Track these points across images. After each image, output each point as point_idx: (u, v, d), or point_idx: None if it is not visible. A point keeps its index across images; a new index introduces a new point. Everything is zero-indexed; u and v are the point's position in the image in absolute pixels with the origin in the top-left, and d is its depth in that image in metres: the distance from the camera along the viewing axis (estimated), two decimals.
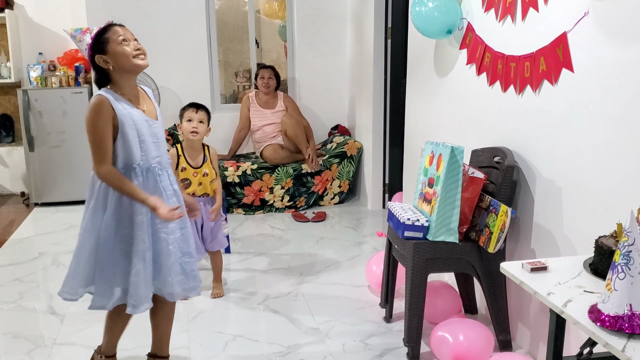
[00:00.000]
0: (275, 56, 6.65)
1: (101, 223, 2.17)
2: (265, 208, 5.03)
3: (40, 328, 3.01)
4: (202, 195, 3.27)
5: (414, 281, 2.57)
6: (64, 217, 4.90)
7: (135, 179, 2.15)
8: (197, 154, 3.28)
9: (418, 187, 2.78)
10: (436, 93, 3.52)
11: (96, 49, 2.13)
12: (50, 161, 5.22)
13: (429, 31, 3.22)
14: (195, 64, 5.31)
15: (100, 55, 2.13)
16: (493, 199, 2.56)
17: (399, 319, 3.00)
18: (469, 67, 3.10)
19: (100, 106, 2.08)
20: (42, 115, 5.15)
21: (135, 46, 2.16)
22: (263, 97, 5.24)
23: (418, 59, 3.77)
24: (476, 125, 3.06)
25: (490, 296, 2.65)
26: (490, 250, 2.50)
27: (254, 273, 3.70)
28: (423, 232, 2.57)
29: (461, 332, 2.49)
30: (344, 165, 5.12)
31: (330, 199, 5.20)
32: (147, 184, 2.18)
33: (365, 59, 4.94)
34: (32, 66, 5.32)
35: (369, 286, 3.42)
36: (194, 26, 5.23)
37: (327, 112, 5.61)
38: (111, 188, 2.14)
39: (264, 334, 2.92)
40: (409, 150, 4.01)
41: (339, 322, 3.02)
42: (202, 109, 3.30)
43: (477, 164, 2.81)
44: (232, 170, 4.88)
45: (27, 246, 4.32)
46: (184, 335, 2.90)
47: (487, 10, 2.90)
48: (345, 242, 4.27)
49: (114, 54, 2.13)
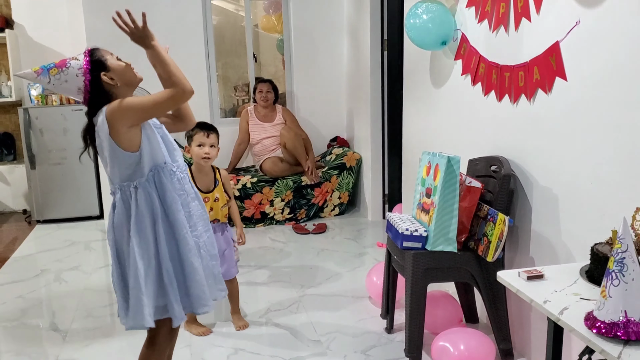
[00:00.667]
0: (274, 70, 6.69)
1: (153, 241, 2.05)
2: (266, 221, 5.04)
3: (43, 345, 3.02)
4: (212, 222, 2.99)
5: (413, 291, 2.58)
6: (66, 233, 4.92)
7: (164, 178, 2.07)
8: (207, 178, 3.08)
9: (416, 198, 2.80)
10: (432, 103, 3.55)
11: (97, 67, 2.03)
12: (52, 178, 5.25)
13: (423, 43, 3.25)
14: (194, 79, 5.25)
15: (105, 73, 2.04)
16: (491, 208, 2.58)
17: (400, 330, 3.00)
18: (464, 78, 3.13)
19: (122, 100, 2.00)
20: (43, 133, 5.19)
21: (125, 62, 2.13)
22: (262, 110, 5.27)
23: (414, 70, 3.80)
24: (473, 135, 3.08)
25: (491, 305, 2.65)
26: (488, 259, 2.51)
27: (255, 286, 3.71)
28: (422, 242, 2.58)
29: (462, 341, 2.49)
30: (343, 176, 5.14)
31: (331, 210, 5.21)
32: (174, 185, 2.11)
33: (363, 71, 4.98)
34: (32, 85, 5.36)
35: (369, 297, 3.42)
36: (192, 41, 5.27)
37: (326, 124, 5.64)
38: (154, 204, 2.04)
39: (266, 347, 2.92)
40: (407, 161, 4.03)
41: (341, 333, 3.02)
42: (213, 131, 3.09)
43: (474, 173, 2.83)
44: (232, 183, 4.90)
45: (30, 263, 4.33)
46: (186, 349, 2.90)
47: (481, 21, 2.93)
48: (346, 253, 4.28)
49: (116, 69, 2.07)
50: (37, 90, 5.33)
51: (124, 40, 2.12)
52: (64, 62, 2.02)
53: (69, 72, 2.01)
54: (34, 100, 5.32)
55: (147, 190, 2.05)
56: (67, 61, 2.03)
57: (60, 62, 2.02)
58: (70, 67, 2.01)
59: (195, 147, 3.04)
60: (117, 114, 1.95)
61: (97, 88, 2.03)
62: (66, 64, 2.01)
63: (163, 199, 2.08)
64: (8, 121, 5.87)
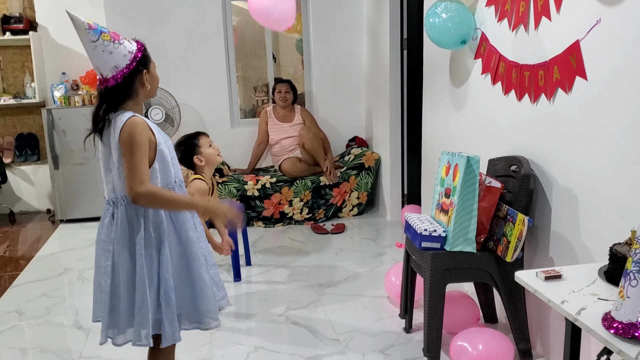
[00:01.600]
0: (292, 70, 6.72)
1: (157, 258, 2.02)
2: (285, 221, 5.07)
3: (66, 342, 3.07)
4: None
5: (432, 292, 2.58)
6: (89, 233, 4.99)
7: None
8: (210, 182, 3.33)
9: (435, 198, 2.79)
10: (452, 103, 3.54)
11: (143, 63, 2.03)
12: (75, 178, 5.33)
13: (443, 42, 3.24)
14: (214, 80, 5.39)
15: (146, 72, 2.04)
16: (510, 208, 2.57)
17: (418, 330, 3.00)
18: (484, 77, 3.12)
19: (142, 127, 1.95)
20: (65, 133, 5.27)
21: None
22: (281, 111, 5.30)
23: (434, 69, 3.80)
24: (492, 135, 3.07)
25: (510, 305, 2.64)
26: (507, 259, 2.50)
27: (274, 285, 3.73)
28: (440, 243, 2.58)
29: (480, 341, 2.49)
30: (362, 176, 5.14)
31: (349, 210, 5.22)
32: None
33: (382, 71, 4.98)
34: (55, 86, 5.46)
35: (388, 297, 3.43)
36: (212, 42, 5.32)
37: (345, 124, 5.65)
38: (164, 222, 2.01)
39: (285, 345, 2.94)
40: (426, 161, 4.03)
41: (359, 332, 3.03)
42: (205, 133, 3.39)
43: (494, 173, 2.82)
44: (252, 184, 4.94)
45: (53, 262, 4.41)
46: (207, 347, 2.94)
47: (501, 19, 2.92)
48: (365, 253, 4.28)
49: (152, 76, 2.08)
50: (60, 91, 5.42)
51: (144, 40, 2.13)
52: (117, 36, 1.99)
53: (119, 48, 1.96)
54: (57, 102, 5.41)
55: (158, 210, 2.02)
56: (120, 37, 2.00)
57: (114, 33, 1.99)
58: (123, 45, 1.98)
59: (207, 149, 3.29)
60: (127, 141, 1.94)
61: (131, 79, 2.00)
62: (119, 39, 1.98)
63: (175, 217, 2.06)
64: (32, 122, 5.98)
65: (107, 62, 1.97)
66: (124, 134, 1.93)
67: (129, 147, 1.92)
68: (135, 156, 1.92)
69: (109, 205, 2.06)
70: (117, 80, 1.97)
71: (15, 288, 3.86)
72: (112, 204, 2.05)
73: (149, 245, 2.01)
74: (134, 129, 1.93)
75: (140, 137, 1.93)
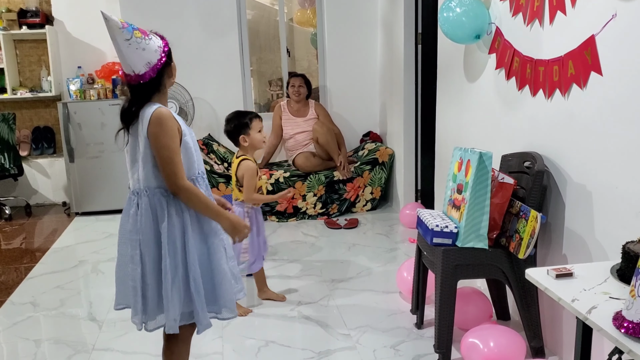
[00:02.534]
0: (307, 64, 6.71)
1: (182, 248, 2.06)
2: (298, 215, 5.07)
3: (80, 334, 3.11)
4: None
5: (443, 288, 2.57)
6: (104, 225, 5.04)
7: (201, 188, 2.10)
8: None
9: (447, 194, 2.78)
10: (466, 98, 3.51)
11: (170, 57, 2.08)
12: (90, 172, 5.38)
13: (457, 37, 3.22)
14: (229, 74, 5.40)
15: (172, 65, 2.10)
16: (523, 205, 2.55)
17: (429, 326, 2.99)
18: (498, 72, 3.09)
19: (169, 119, 1.99)
20: (81, 127, 5.32)
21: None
22: (294, 105, 5.30)
23: (448, 64, 3.77)
24: (506, 130, 3.04)
25: (522, 302, 2.62)
26: (520, 256, 2.48)
27: (287, 279, 3.74)
28: (452, 239, 2.56)
29: (492, 338, 2.47)
30: (375, 171, 5.13)
31: (363, 205, 5.21)
32: (208, 193, 2.17)
33: (396, 65, 4.95)
34: (71, 80, 5.51)
35: (400, 293, 3.42)
36: (227, 36, 5.33)
37: (359, 119, 5.64)
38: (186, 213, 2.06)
39: (296, 340, 2.95)
40: (440, 156, 4.00)
41: (370, 328, 3.03)
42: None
43: (507, 169, 2.79)
44: (265, 178, 4.95)
45: (68, 254, 4.46)
46: (218, 341, 2.95)
47: (515, 14, 2.89)
48: (378, 248, 4.28)
49: (174, 69, 2.13)
50: (75, 85, 5.46)
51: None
52: (145, 32, 2.00)
53: (150, 44, 1.99)
54: (72, 95, 5.46)
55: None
56: (148, 33, 2.02)
57: (142, 30, 1.99)
58: (152, 40, 2.01)
59: (256, 133, 3.19)
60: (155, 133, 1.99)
61: (161, 74, 2.03)
62: (148, 35, 2.01)
63: None
64: (48, 115, 6.04)
65: (141, 58, 1.98)
66: (152, 126, 1.97)
67: (160, 144, 1.97)
68: (170, 148, 1.98)
69: (134, 195, 2.10)
70: (152, 75, 2.00)
71: (30, 280, 3.91)
72: (137, 195, 2.09)
73: (172, 235, 2.04)
74: (164, 121, 1.98)
75: (171, 130, 1.98)
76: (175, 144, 1.99)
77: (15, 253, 4.54)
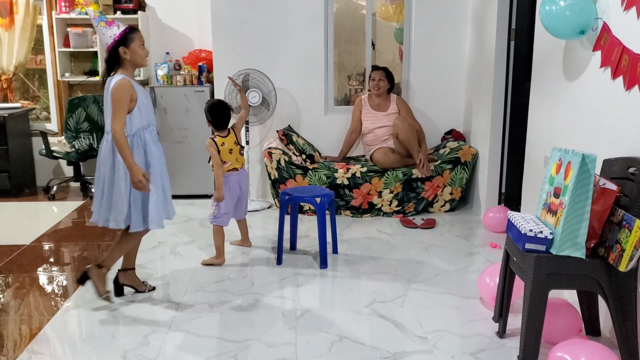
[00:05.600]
0: (391, 58, 6.59)
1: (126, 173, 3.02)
2: (373, 212, 4.98)
3: (156, 315, 3.15)
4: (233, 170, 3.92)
5: (533, 297, 2.41)
6: (183, 209, 5.12)
7: (148, 135, 3.07)
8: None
9: (542, 197, 2.61)
10: (564, 98, 3.31)
11: (122, 42, 2.99)
12: (173, 156, 5.47)
13: (559, 31, 3.03)
14: (311, 66, 5.36)
15: (124, 48, 2.99)
16: (626, 214, 2.35)
17: (512, 335, 2.84)
18: (603, 70, 2.88)
19: (127, 85, 2.94)
20: (166, 112, 5.44)
21: (147, 51, 3.09)
22: (376, 99, 5.20)
23: (544, 61, 3.57)
24: (609, 133, 2.83)
25: (618, 318, 2.43)
26: (621, 268, 2.29)
27: (360, 276, 3.66)
28: (546, 245, 2.40)
29: (584, 354, 2.29)
30: (457, 171, 4.96)
31: (441, 206, 5.05)
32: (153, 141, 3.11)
33: (486, 62, 4.76)
34: (159, 65, 5.63)
35: (480, 298, 3.27)
36: (312, 28, 5.29)
37: (441, 116, 5.47)
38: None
39: (370, 338, 2.87)
40: (530, 158, 3.81)
41: (449, 332, 2.90)
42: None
43: (610, 175, 2.59)
44: (342, 172, 4.88)
45: (148, 235, 4.47)
46: (291, 331, 2.91)
47: (627, 8, 2.68)
48: (456, 251, 4.12)
49: (134, 51, 3.01)
50: (163, 70, 5.59)
51: (246, 24, 2.13)
52: (111, 22, 3.00)
53: (107, 32, 2.98)
54: (160, 80, 5.59)
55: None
56: (113, 24, 3.00)
57: (110, 22, 2.99)
58: (111, 29, 2.98)
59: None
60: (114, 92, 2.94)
61: (114, 53, 3.00)
62: (111, 25, 2.99)
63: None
64: None
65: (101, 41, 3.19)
66: (115, 89, 2.94)
67: (114, 98, 2.94)
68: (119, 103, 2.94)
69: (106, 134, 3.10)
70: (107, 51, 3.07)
71: None
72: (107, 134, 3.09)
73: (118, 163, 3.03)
74: (119, 87, 2.94)
75: (122, 92, 2.94)
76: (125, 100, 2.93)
77: (98, 230, 4.68)
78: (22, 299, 3.37)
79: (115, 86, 2.93)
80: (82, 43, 5.85)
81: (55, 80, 6.09)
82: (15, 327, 3.02)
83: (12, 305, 3.28)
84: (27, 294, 3.44)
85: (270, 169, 4.96)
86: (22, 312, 3.20)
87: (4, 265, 3.90)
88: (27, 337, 2.90)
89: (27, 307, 3.25)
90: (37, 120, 6.38)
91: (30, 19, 5.87)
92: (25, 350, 2.77)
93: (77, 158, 5.70)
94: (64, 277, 3.73)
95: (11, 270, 3.80)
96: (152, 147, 3.10)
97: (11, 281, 3.63)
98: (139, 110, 3.02)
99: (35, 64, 6.28)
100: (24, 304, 3.30)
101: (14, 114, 5.72)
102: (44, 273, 3.78)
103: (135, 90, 2.99)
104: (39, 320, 3.08)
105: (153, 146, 3.11)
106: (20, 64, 5.98)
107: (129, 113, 2.99)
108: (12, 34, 5.87)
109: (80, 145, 5.69)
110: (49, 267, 3.90)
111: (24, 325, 3.04)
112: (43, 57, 6.14)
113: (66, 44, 5.90)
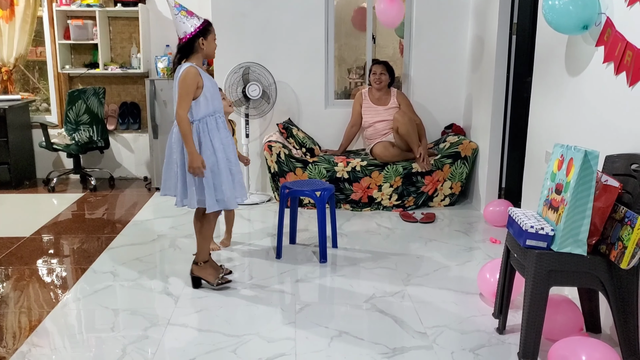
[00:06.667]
0: (391, 52, 6.56)
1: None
2: (373, 205, 4.97)
3: (155, 308, 3.14)
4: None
5: (534, 293, 2.41)
6: None
7: (213, 122, 3.18)
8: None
9: (543, 193, 2.60)
10: (566, 93, 3.29)
11: (202, 33, 3.14)
12: None
13: (562, 26, 3.01)
14: (312, 59, 5.34)
15: (202, 39, 3.14)
16: (629, 211, 2.34)
17: (512, 332, 2.83)
18: (606, 66, 2.87)
19: (194, 73, 3.07)
20: (166, 104, 5.42)
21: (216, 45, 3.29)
22: (376, 93, 5.18)
23: (546, 56, 3.55)
24: (611, 129, 2.82)
25: (619, 315, 2.43)
26: (623, 266, 2.29)
27: (360, 270, 3.66)
28: (547, 242, 2.40)
29: (584, 352, 2.29)
30: (457, 166, 4.95)
31: (440, 200, 5.05)
32: (219, 127, 3.20)
33: (487, 56, 4.74)
34: (159, 58, 5.61)
35: (480, 294, 3.26)
36: (313, 22, 5.26)
37: (442, 110, 5.45)
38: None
39: (369, 333, 2.86)
40: (531, 154, 3.79)
41: (448, 328, 2.90)
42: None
43: (612, 172, 2.58)
44: (342, 166, 4.87)
45: (148, 228, 4.55)
46: (291, 326, 2.91)
47: (631, 4, 2.66)
48: (455, 246, 4.12)
49: (209, 43, 3.19)
50: (163, 63, 5.56)
51: (247, 17, 2.12)
52: (192, 13, 3.15)
53: (188, 21, 3.11)
54: (159, 73, 5.56)
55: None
56: (194, 14, 3.15)
57: (190, 12, 3.14)
58: (192, 19, 3.12)
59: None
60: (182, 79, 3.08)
61: (192, 42, 3.13)
62: (192, 16, 3.13)
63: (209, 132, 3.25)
64: (135, 91, 6.20)
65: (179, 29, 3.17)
66: (183, 76, 3.08)
67: (182, 85, 3.08)
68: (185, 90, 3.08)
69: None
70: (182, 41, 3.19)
71: (111, 250, 4.02)
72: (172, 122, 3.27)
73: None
74: (187, 74, 3.07)
75: (189, 80, 3.07)
76: (191, 87, 3.07)
77: (98, 223, 4.68)
78: (22, 291, 3.37)
79: (183, 73, 3.06)
80: (82, 35, 5.82)
81: (55, 73, 6.07)
82: (15, 319, 3.02)
83: (11, 298, 3.28)
84: (27, 286, 3.44)
85: (270, 162, 4.95)
86: (21, 304, 3.19)
87: (4, 257, 3.90)
88: (27, 330, 2.89)
89: (26, 300, 3.25)
90: (37, 112, 6.36)
91: (30, 11, 5.84)
92: (25, 342, 2.77)
93: (77, 150, 5.68)
94: (64, 270, 3.72)
95: (11, 263, 3.80)
96: (218, 134, 3.20)
97: (11, 273, 3.63)
98: (205, 97, 3.13)
99: (35, 56, 6.26)
100: (23, 297, 3.29)
101: (14, 105, 5.70)
102: (43, 265, 3.78)
103: (202, 78, 3.11)
104: (39, 313, 3.08)
105: (219, 132, 3.21)
106: (20, 55, 5.95)
107: (195, 100, 3.11)
108: (13, 26, 5.85)
109: (80, 138, 5.68)
110: (49, 259, 3.90)
111: (23, 317, 3.04)
112: (43, 49, 6.12)
113: (66, 36, 5.88)
